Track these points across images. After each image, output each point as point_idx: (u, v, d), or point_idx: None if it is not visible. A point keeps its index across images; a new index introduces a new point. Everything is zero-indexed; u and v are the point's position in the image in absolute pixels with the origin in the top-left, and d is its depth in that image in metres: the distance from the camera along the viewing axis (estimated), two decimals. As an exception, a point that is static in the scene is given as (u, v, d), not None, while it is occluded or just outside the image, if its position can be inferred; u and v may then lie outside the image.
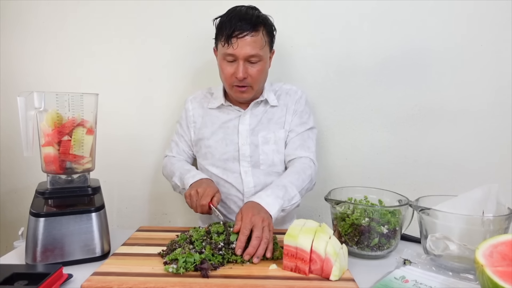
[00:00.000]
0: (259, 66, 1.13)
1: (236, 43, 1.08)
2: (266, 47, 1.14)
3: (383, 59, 1.44)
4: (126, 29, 1.48)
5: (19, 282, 0.73)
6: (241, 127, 1.22)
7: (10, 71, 1.51)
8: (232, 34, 1.08)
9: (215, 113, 1.26)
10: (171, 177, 1.23)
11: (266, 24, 1.13)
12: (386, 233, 0.94)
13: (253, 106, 1.23)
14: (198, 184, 1.10)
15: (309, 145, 1.23)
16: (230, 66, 1.13)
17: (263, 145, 1.22)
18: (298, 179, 1.12)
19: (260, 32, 1.11)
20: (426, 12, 1.40)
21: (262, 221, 0.91)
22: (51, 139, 0.91)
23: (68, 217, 0.90)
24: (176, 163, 1.26)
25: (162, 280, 0.78)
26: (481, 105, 1.43)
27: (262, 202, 0.98)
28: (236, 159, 1.22)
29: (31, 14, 1.47)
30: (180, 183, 1.17)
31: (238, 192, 1.23)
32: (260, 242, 0.88)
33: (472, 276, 0.83)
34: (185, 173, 1.17)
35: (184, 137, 1.31)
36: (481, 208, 0.89)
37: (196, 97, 1.31)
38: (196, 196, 1.05)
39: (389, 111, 1.47)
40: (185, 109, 1.31)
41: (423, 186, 1.47)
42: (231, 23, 1.08)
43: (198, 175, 1.14)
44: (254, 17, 1.10)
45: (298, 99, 1.27)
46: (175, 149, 1.33)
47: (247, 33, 1.08)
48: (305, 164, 1.18)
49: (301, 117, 1.26)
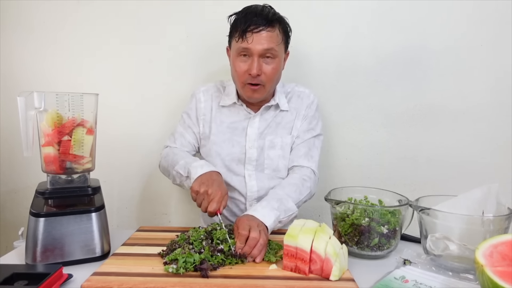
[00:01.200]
0: (274, 64, 1.10)
1: (251, 37, 1.05)
2: (281, 45, 1.12)
3: (383, 59, 1.44)
4: (126, 29, 1.48)
5: (19, 282, 0.73)
6: (250, 130, 1.21)
7: (10, 71, 1.51)
8: (247, 29, 1.05)
9: (225, 111, 1.23)
10: (173, 166, 1.14)
11: (282, 22, 1.11)
12: (386, 233, 0.94)
13: (263, 110, 1.21)
14: (207, 179, 1.00)
15: (313, 154, 1.22)
16: (244, 63, 1.10)
17: (269, 150, 1.21)
18: (296, 191, 1.10)
19: (276, 28, 1.09)
20: (426, 12, 1.40)
21: (257, 225, 0.93)
22: (51, 139, 0.91)
23: (68, 217, 0.89)
24: (180, 153, 1.20)
25: (162, 280, 0.78)
26: (481, 105, 1.43)
27: (257, 214, 0.97)
28: (241, 161, 1.21)
29: (31, 14, 1.47)
30: (184, 171, 1.09)
31: (240, 195, 1.22)
32: (257, 243, 0.89)
33: (472, 276, 0.83)
34: (191, 161, 1.10)
35: (192, 129, 1.25)
36: (481, 208, 0.89)
37: (209, 90, 1.26)
38: (206, 197, 0.97)
39: (389, 111, 1.47)
40: (196, 99, 1.24)
41: (423, 186, 1.47)
42: (246, 18, 1.06)
43: (206, 166, 1.06)
44: (271, 14, 1.09)
45: (309, 104, 1.24)
46: (179, 140, 1.25)
47: (263, 28, 1.06)
48: (305, 176, 1.16)
49: (310, 123, 1.24)
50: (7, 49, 1.50)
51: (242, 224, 0.92)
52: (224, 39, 1.17)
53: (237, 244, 0.89)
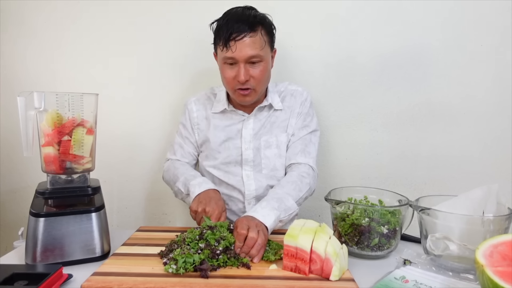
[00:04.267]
0: (261, 66, 1.11)
1: (234, 45, 1.06)
2: (267, 47, 1.12)
3: (383, 59, 1.44)
4: (126, 29, 1.48)
5: (19, 282, 0.73)
6: (245, 131, 1.21)
7: (10, 71, 1.51)
8: (230, 37, 1.06)
9: (218, 116, 1.24)
10: (174, 182, 1.19)
11: (264, 23, 1.11)
12: (386, 233, 0.94)
13: (257, 111, 1.22)
14: (205, 197, 1.05)
15: (310, 150, 1.22)
16: (231, 70, 1.10)
17: (265, 149, 1.21)
18: (295, 189, 1.10)
19: (259, 32, 1.09)
20: (426, 12, 1.40)
21: (256, 226, 0.92)
22: (51, 139, 0.91)
23: (68, 217, 0.89)
24: (180, 168, 1.23)
25: (162, 280, 0.78)
26: (481, 105, 1.43)
27: (257, 215, 0.96)
28: (238, 163, 1.22)
29: (32, 14, 1.48)
30: (184, 189, 1.14)
31: (239, 194, 1.22)
32: (255, 243, 0.88)
33: (472, 276, 0.83)
34: (190, 178, 1.14)
35: (190, 139, 1.28)
36: (481, 208, 0.89)
37: (200, 99, 1.28)
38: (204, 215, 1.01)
39: (389, 111, 1.47)
40: (188, 110, 1.28)
41: (423, 186, 1.47)
42: (228, 26, 1.06)
43: (204, 184, 1.10)
44: (251, 17, 1.08)
45: (303, 101, 1.25)
46: (179, 152, 1.29)
47: (245, 34, 1.06)
48: (304, 173, 1.16)
49: (304, 120, 1.24)
50: (7, 49, 1.50)
51: (241, 224, 0.92)
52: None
53: (236, 243, 0.89)
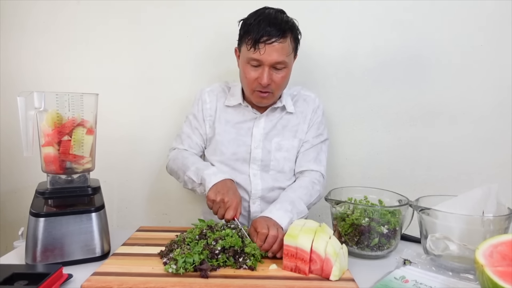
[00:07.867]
0: (284, 72, 1.10)
1: (263, 48, 1.04)
2: (292, 54, 1.11)
3: (383, 59, 1.44)
4: (126, 29, 1.48)
5: (19, 282, 0.73)
6: (255, 130, 1.21)
7: (10, 71, 1.51)
8: (260, 39, 1.04)
9: (231, 111, 1.23)
10: (184, 172, 1.16)
11: (293, 30, 1.10)
12: (386, 233, 0.94)
13: (269, 111, 1.21)
14: (223, 187, 1.05)
15: (321, 158, 1.24)
16: (254, 71, 1.09)
17: (275, 152, 1.22)
18: (307, 194, 1.13)
19: (288, 38, 1.07)
20: (426, 12, 1.40)
21: (274, 224, 0.96)
22: (51, 139, 0.91)
23: (68, 217, 0.89)
24: (189, 157, 1.21)
25: (162, 280, 0.78)
26: (481, 105, 1.43)
27: (273, 216, 1.00)
28: (246, 161, 1.22)
29: (31, 14, 1.47)
30: (196, 178, 1.12)
31: (245, 192, 1.22)
32: (276, 240, 0.91)
33: (472, 276, 0.83)
34: (203, 168, 1.12)
35: (199, 130, 1.26)
36: (481, 208, 0.90)
37: (214, 90, 1.26)
38: (222, 205, 1.02)
39: (389, 111, 1.47)
40: (202, 101, 1.25)
41: (423, 186, 1.47)
42: (260, 28, 1.04)
43: (220, 174, 1.09)
44: (283, 22, 1.06)
45: (315, 108, 1.25)
46: (187, 142, 1.26)
47: (276, 39, 1.04)
48: (315, 179, 1.19)
49: (318, 129, 1.25)
50: (7, 49, 1.50)
51: (261, 224, 0.95)
52: (225, 40, 1.17)
53: (258, 242, 0.91)
